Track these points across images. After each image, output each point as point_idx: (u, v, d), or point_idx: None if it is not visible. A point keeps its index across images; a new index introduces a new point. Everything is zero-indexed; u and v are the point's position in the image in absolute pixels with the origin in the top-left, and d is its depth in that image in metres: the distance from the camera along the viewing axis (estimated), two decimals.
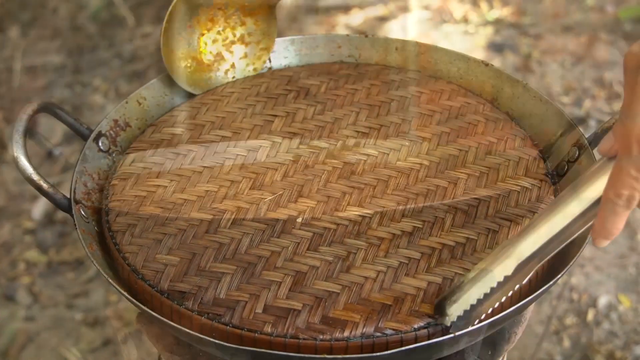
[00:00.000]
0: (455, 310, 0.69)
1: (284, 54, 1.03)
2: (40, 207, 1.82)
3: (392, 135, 0.87)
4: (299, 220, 0.78)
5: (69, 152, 2.00)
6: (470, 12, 2.41)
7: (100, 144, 0.89)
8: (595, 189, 0.65)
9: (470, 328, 0.68)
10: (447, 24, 2.36)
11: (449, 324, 0.69)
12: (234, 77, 0.99)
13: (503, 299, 0.69)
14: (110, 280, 0.73)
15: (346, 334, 0.68)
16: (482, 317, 0.69)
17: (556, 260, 0.80)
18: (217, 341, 0.68)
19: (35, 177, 0.79)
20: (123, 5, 2.47)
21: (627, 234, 1.66)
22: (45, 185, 0.79)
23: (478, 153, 0.85)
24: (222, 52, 0.98)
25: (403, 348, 0.67)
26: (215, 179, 0.83)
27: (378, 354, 0.66)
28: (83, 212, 0.81)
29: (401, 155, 0.85)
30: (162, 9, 2.57)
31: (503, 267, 0.68)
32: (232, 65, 0.99)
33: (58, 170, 1.95)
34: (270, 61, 1.02)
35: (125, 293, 0.73)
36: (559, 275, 0.72)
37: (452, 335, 0.67)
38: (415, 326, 0.69)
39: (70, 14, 2.48)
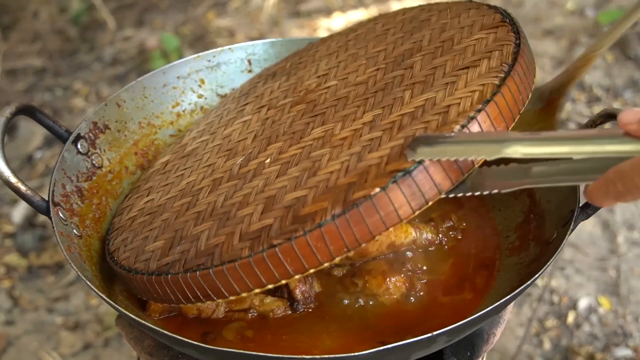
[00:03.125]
0: (424, 154, 0.67)
1: (264, 56, 1.03)
2: (20, 211, 1.81)
3: (351, 62, 0.88)
4: (267, 161, 0.79)
5: (50, 155, 2.00)
6: None
7: (79, 146, 0.88)
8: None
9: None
10: None
11: (409, 159, 0.67)
12: None
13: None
14: (88, 283, 0.73)
15: (317, 221, 0.68)
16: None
17: (534, 261, 0.81)
18: (193, 342, 0.68)
19: (13, 179, 0.78)
20: (104, 8, 2.46)
21: (607, 236, 1.67)
22: (23, 188, 0.79)
23: (432, 36, 0.85)
24: None
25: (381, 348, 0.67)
26: (196, 171, 0.85)
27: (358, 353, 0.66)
28: (61, 214, 0.81)
29: (359, 73, 0.86)
30: (144, 12, 2.57)
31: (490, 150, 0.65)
32: None
33: (38, 173, 1.95)
34: (250, 63, 1.03)
35: (103, 295, 0.73)
36: (537, 275, 0.73)
37: (429, 335, 0.67)
38: (383, 186, 0.67)
39: (51, 18, 2.47)
